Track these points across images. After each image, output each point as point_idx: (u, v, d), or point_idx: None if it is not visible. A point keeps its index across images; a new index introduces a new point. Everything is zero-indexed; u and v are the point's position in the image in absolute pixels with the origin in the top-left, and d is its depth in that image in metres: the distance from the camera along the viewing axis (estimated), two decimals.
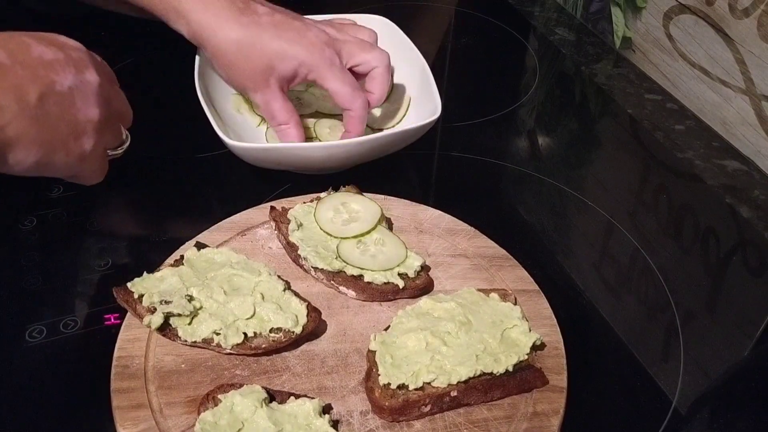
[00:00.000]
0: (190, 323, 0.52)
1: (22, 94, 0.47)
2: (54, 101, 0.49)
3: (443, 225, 0.65)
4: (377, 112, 0.79)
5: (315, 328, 0.54)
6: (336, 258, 0.58)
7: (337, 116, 0.77)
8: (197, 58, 0.74)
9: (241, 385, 0.48)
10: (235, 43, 0.65)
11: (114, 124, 0.57)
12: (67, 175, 0.54)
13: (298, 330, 0.53)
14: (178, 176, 0.74)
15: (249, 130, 0.76)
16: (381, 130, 0.75)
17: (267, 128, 0.76)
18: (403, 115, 0.77)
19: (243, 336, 0.52)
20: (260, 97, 0.68)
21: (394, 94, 0.79)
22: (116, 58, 0.91)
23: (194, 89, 0.70)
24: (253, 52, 0.65)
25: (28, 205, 0.68)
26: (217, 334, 0.52)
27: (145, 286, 0.54)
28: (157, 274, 0.55)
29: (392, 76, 0.73)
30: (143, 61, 0.91)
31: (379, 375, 0.50)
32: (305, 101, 0.78)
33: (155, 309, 0.52)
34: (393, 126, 0.76)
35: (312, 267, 0.58)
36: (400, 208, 0.66)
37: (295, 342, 0.53)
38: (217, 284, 0.54)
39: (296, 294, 0.55)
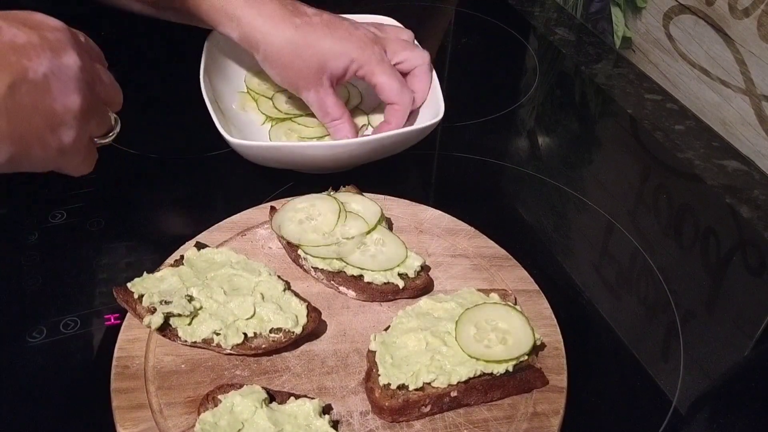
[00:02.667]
0: (190, 323, 0.52)
1: None
2: (26, 90, 0.45)
3: (443, 225, 0.65)
4: (383, 111, 0.78)
5: (315, 328, 0.54)
6: (336, 258, 0.58)
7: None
8: (203, 56, 0.74)
9: (241, 386, 0.49)
10: (289, 44, 0.66)
11: (99, 110, 0.53)
12: (48, 169, 0.50)
13: (298, 330, 0.53)
14: (178, 176, 0.74)
15: (252, 128, 0.76)
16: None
17: (271, 127, 0.76)
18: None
19: (243, 336, 0.52)
20: (313, 95, 0.69)
21: None
22: (117, 58, 0.91)
23: (197, 88, 0.70)
24: (306, 51, 0.66)
25: (29, 206, 0.68)
26: (217, 334, 0.52)
27: (145, 286, 0.54)
28: (157, 274, 0.55)
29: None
30: (144, 60, 0.91)
31: (379, 375, 0.50)
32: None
33: (155, 309, 0.52)
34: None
35: (312, 267, 0.58)
36: (400, 208, 0.66)
37: (295, 342, 0.53)
38: (217, 284, 0.54)
39: (296, 294, 0.55)
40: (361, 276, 0.58)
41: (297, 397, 0.48)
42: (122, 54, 0.92)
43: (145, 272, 0.55)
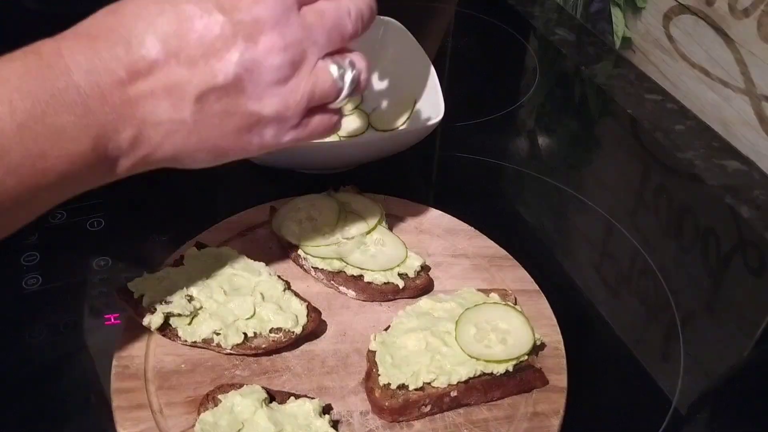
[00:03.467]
0: (190, 323, 0.52)
1: (176, 103, 0.39)
2: (215, 98, 0.40)
3: (443, 225, 0.65)
4: (383, 111, 0.79)
5: (315, 328, 0.54)
6: (336, 258, 0.58)
7: None
8: None
9: (241, 386, 0.48)
10: None
11: (313, 78, 0.43)
12: (266, 151, 0.44)
13: (298, 330, 0.53)
14: (178, 176, 0.73)
15: None
16: (385, 130, 0.75)
17: None
18: (408, 117, 0.77)
19: (243, 336, 0.52)
20: None
21: (399, 94, 0.79)
22: None
23: None
24: None
25: None
26: (217, 334, 0.52)
27: (145, 286, 0.54)
28: (157, 274, 0.55)
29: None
30: None
31: (379, 375, 0.50)
32: None
33: (155, 309, 0.52)
34: (397, 127, 0.76)
35: (312, 267, 0.58)
36: (400, 208, 0.66)
37: (295, 342, 0.53)
38: (217, 284, 0.54)
39: (296, 294, 0.55)
40: (361, 276, 0.58)
41: (297, 396, 0.48)
42: None
43: (145, 272, 0.55)
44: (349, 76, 0.44)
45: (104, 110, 0.38)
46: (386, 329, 0.54)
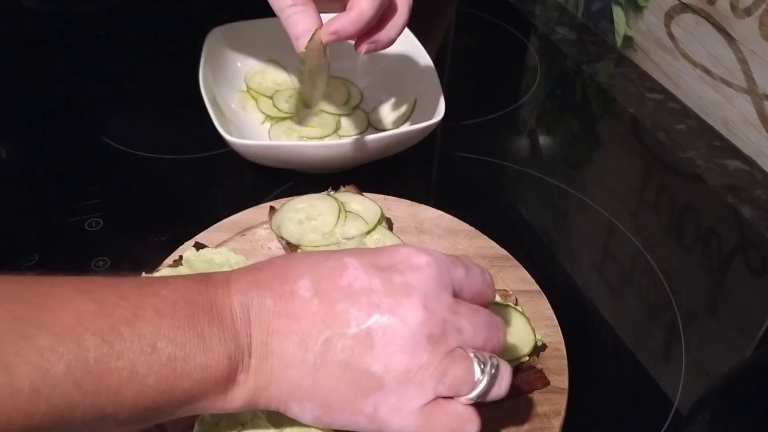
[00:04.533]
0: None
1: (305, 340, 0.38)
2: (342, 345, 0.38)
3: (444, 225, 0.65)
4: (383, 111, 0.78)
5: None
6: None
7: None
8: (203, 55, 0.74)
9: None
10: None
11: (449, 366, 0.39)
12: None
13: None
14: (177, 176, 0.73)
15: (252, 128, 0.76)
16: (385, 130, 0.75)
17: (271, 126, 0.76)
18: (408, 116, 0.77)
19: None
20: None
21: (400, 94, 0.79)
22: (117, 58, 0.91)
23: (196, 87, 0.70)
24: None
25: (28, 206, 0.68)
26: None
27: None
28: (156, 275, 0.55)
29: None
30: (144, 60, 0.91)
31: None
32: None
33: None
34: (398, 126, 0.76)
35: None
36: (400, 208, 0.66)
37: None
38: None
39: None
40: None
41: None
42: (122, 54, 0.92)
43: (144, 272, 0.55)
44: (488, 372, 0.39)
45: (246, 332, 0.39)
46: None
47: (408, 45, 0.79)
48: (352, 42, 0.59)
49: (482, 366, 0.39)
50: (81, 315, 0.35)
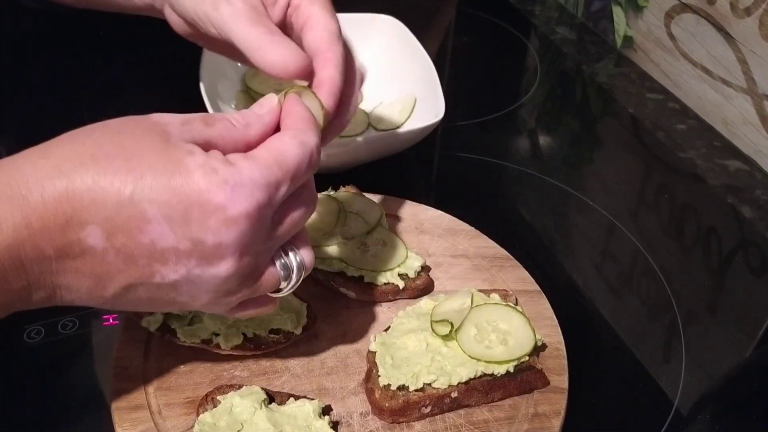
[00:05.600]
0: (189, 324, 0.52)
1: (100, 284, 0.37)
2: (145, 289, 0.38)
3: (444, 225, 0.65)
4: (383, 111, 0.78)
5: (315, 328, 0.54)
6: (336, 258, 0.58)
7: None
8: (203, 55, 0.74)
9: (240, 387, 0.48)
10: None
11: (252, 283, 0.41)
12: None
13: (297, 331, 0.52)
14: None
15: None
16: (385, 130, 0.75)
17: None
18: (408, 116, 0.77)
19: (242, 337, 0.51)
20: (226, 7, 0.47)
21: (400, 94, 0.79)
22: (117, 58, 0.91)
23: (196, 88, 0.70)
24: None
25: None
26: (217, 335, 0.51)
27: None
28: None
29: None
30: (143, 60, 0.91)
31: (379, 376, 0.50)
32: None
33: None
34: (398, 126, 0.76)
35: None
36: (400, 208, 0.66)
37: (294, 343, 0.53)
38: None
39: (296, 294, 0.55)
40: (361, 276, 0.57)
41: (297, 397, 0.48)
42: (122, 54, 0.91)
43: None
44: (293, 280, 0.42)
45: (19, 278, 0.35)
46: (386, 330, 0.53)
47: (408, 45, 0.79)
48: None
49: (288, 271, 0.42)
50: None
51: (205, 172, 0.36)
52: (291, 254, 0.42)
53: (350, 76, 0.49)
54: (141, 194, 0.35)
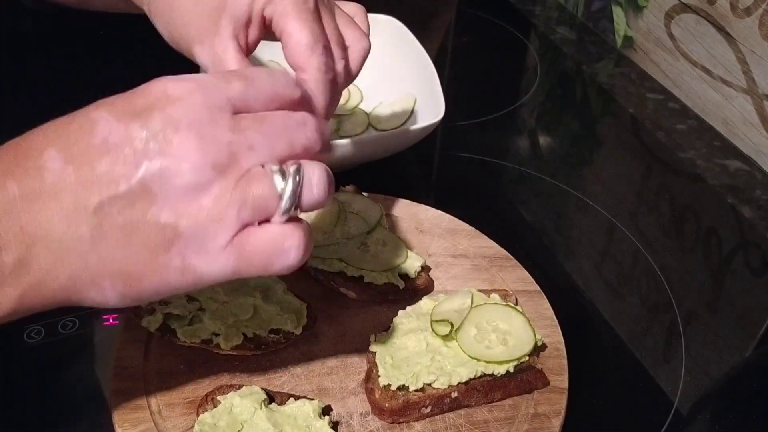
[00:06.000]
0: (189, 324, 0.52)
1: (70, 216, 0.33)
2: (118, 209, 0.33)
3: (444, 225, 0.65)
4: (383, 111, 0.78)
5: (315, 328, 0.54)
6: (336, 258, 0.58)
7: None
8: None
9: (240, 386, 0.48)
10: None
11: (250, 187, 0.35)
12: (198, 282, 0.36)
13: (297, 331, 0.52)
14: None
15: None
16: (385, 130, 0.75)
17: None
18: (408, 116, 0.77)
19: (242, 337, 0.51)
20: (207, 50, 0.49)
21: (399, 94, 0.79)
22: (117, 58, 0.91)
23: None
24: None
25: None
26: (217, 335, 0.51)
27: None
28: None
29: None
30: (144, 60, 0.91)
31: (379, 376, 0.50)
32: None
33: (154, 309, 0.52)
34: (398, 126, 0.76)
35: (312, 267, 0.58)
36: (400, 208, 0.66)
37: (294, 343, 0.53)
38: (217, 284, 0.54)
39: (296, 294, 0.55)
40: (361, 276, 0.57)
41: (297, 398, 0.48)
42: (122, 54, 0.91)
43: None
44: (291, 178, 0.35)
45: None
46: (386, 330, 0.53)
47: (408, 45, 0.79)
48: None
49: (283, 175, 0.35)
50: None
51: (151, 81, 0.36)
52: (291, 165, 0.36)
53: (331, 87, 0.47)
54: (88, 107, 0.35)
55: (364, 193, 0.64)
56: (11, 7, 0.94)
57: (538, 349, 0.53)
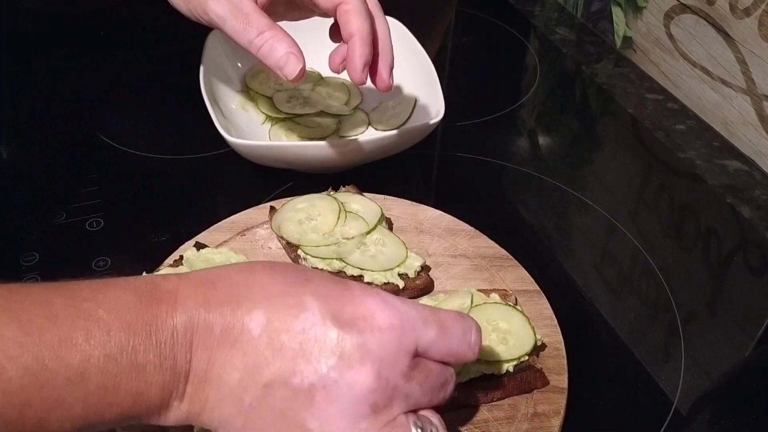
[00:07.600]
0: None
1: (245, 380, 0.36)
2: (281, 395, 0.36)
3: (443, 225, 0.65)
4: (383, 111, 0.78)
5: None
6: (336, 258, 0.58)
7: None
8: (203, 55, 0.74)
9: None
10: None
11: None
12: None
13: None
14: (177, 176, 0.73)
15: (253, 128, 0.76)
16: (385, 130, 0.75)
17: (271, 126, 0.76)
18: (408, 116, 0.77)
19: None
20: (224, 3, 0.52)
21: (400, 94, 0.79)
22: (117, 57, 0.91)
23: (196, 88, 0.70)
24: None
25: (28, 206, 0.68)
26: None
27: None
28: (156, 275, 0.55)
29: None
30: (144, 60, 0.91)
31: None
32: (311, 100, 0.78)
33: None
34: (398, 126, 0.76)
35: (312, 267, 0.58)
36: (400, 208, 0.66)
37: None
38: None
39: None
40: (361, 276, 0.57)
41: None
42: (122, 53, 0.92)
43: (144, 272, 0.55)
44: None
45: (185, 359, 0.36)
46: None
47: (408, 45, 0.79)
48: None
49: (420, 430, 0.38)
50: (3, 342, 0.32)
51: (365, 288, 0.39)
52: (422, 419, 0.39)
53: (379, 24, 0.52)
54: (304, 288, 0.38)
55: (364, 193, 0.64)
56: (11, 7, 0.94)
57: (537, 349, 0.53)
